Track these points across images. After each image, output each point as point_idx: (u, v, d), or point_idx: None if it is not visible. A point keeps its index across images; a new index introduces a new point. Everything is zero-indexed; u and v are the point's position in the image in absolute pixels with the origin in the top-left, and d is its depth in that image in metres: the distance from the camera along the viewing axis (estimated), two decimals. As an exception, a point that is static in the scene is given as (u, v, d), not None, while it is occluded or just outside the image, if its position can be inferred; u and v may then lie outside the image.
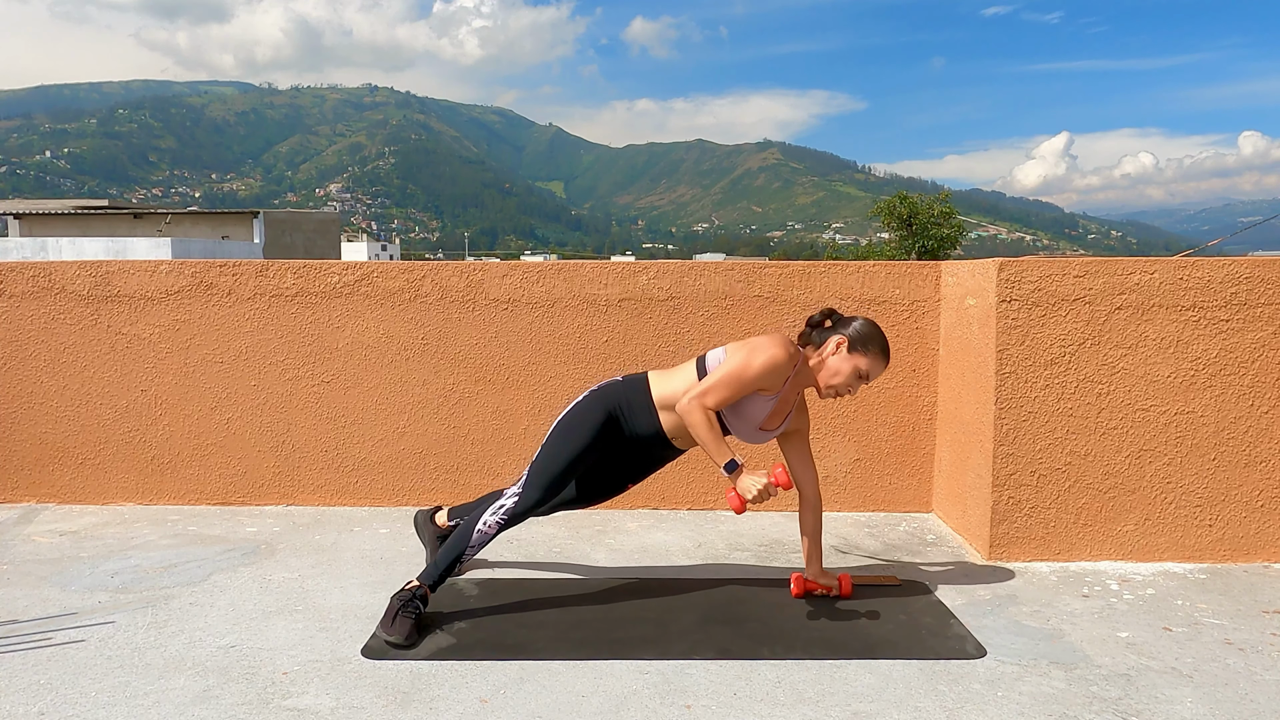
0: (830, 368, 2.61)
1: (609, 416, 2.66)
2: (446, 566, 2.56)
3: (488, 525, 2.58)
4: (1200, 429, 3.12)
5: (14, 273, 3.78)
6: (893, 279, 3.67)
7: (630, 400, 2.68)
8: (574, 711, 2.09)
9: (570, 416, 2.68)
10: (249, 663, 2.32)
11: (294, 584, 2.90)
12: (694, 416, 2.51)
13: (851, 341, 2.60)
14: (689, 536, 3.43)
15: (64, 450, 3.83)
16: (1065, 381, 3.12)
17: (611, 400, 2.68)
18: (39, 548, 3.26)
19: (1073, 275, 3.10)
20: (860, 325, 2.62)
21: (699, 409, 2.51)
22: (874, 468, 3.74)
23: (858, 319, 2.65)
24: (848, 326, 2.63)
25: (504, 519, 2.59)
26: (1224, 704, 2.14)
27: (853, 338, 2.60)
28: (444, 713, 2.08)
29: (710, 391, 2.52)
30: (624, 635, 2.49)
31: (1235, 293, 3.09)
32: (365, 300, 3.75)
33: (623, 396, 2.68)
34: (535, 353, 3.75)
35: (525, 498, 2.60)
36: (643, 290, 3.71)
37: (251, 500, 3.82)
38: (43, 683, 2.20)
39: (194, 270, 3.77)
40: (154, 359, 3.79)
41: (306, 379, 3.78)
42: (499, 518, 2.58)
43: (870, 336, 2.61)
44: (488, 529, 2.58)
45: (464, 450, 3.78)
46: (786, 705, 2.12)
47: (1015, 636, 2.52)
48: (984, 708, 2.11)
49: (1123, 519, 3.15)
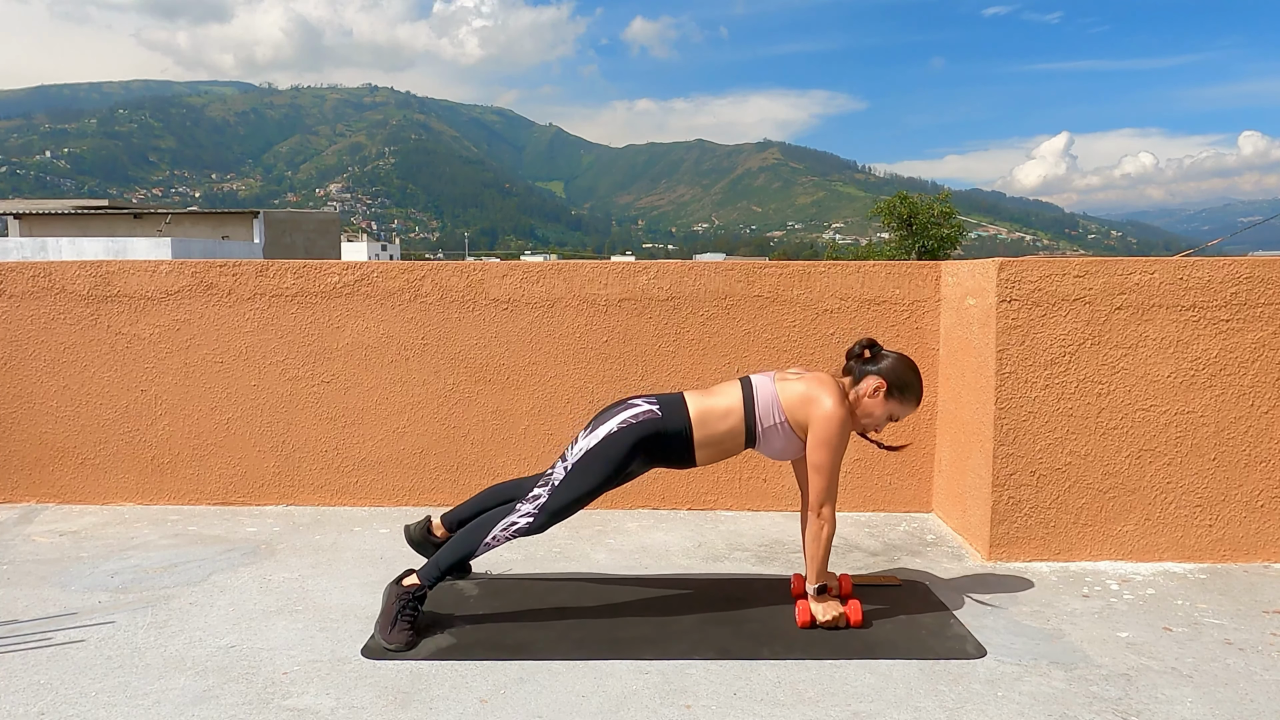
0: (865, 408, 2.61)
1: (641, 452, 2.56)
2: (448, 567, 2.55)
3: (496, 539, 2.55)
4: (1200, 429, 3.12)
5: (14, 273, 3.79)
6: (893, 279, 3.67)
7: (668, 439, 2.56)
8: (574, 711, 2.09)
9: (602, 448, 2.54)
10: (249, 663, 2.32)
11: (294, 584, 2.90)
12: (828, 531, 2.54)
13: (891, 387, 2.58)
14: (689, 536, 3.44)
15: (64, 450, 3.83)
16: (1065, 381, 3.12)
17: (647, 434, 2.55)
18: (39, 548, 3.26)
19: (1073, 275, 3.10)
20: (900, 370, 2.59)
21: (832, 521, 2.54)
22: (874, 468, 3.74)
23: (896, 357, 2.61)
24: (886, 365, 2.59)
25: (512, 536, 2.55)
26: (1224, 704, 2.14)
27: (892, 383, 2.58)
28: (444, 713, 2.08)
29: (828, 502, 2.52)
30: (624, 635, 2.49)
31: (1235, 293, 3.09)
32: (365, 300, 3.75)
33: (660, 434, 2.56)
34: (535, 353, 3.75)
35: (539, 522, 2.54)
36: (643, 290, 3.71)
37: (251, 500, 3.82)
38: (43, 683, 2.20)
39: (194, 270, 3.77)
40: (154, 359, 3.79)
41: (306, 379, 3.78)
42: (509, 535, 2.55)
43: (909, 384, 2.59)
44: (494, 542, 2.55)
45: (464, 450, 3.78)
46: (786, 705, 2.12)
47: (1015, 636, 2.52)
48: (984, 708, 2.11)
49: (1123, 519, 3.15)
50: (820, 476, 2.51)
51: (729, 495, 3.76)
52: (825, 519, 2.53)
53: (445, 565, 2.54)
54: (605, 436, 2.55)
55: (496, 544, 2.55)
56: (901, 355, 2.63)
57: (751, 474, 3.74)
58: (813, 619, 2.55)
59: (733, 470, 3.75)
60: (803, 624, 2.56)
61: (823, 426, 2.50)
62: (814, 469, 2.52)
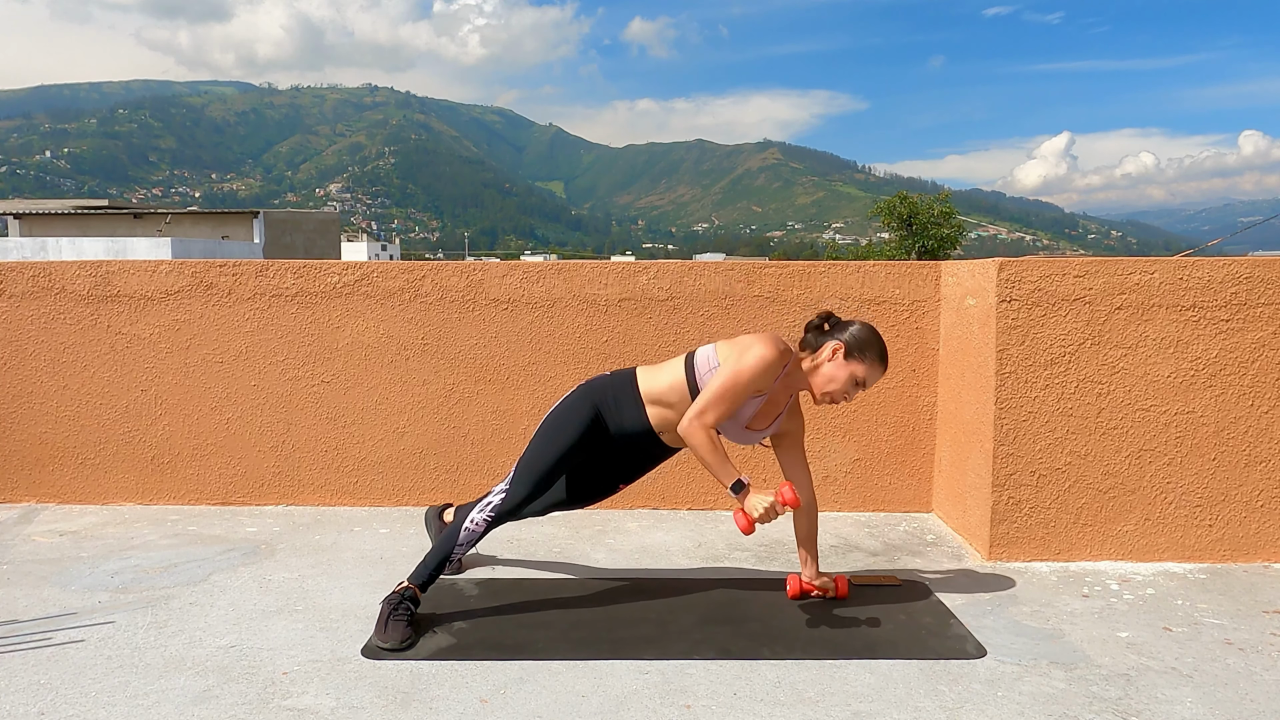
0: (825, 374, 2.55)
1: (596, 412, 2.64)
2: (436, 566, 2.56)
3: (475, 523, 2.58)
4: (1200, 429, 3.12)
5: (14, 273, 3.78)
6: (893, 279, 3.67)
7: (617, 396, 2.65)
8: (574, 711, 2.09)
9: (558, 413, 2.66)
10: (249, 663, 2.32)
11: (294, 584, 2.90)
12: (696, 438, 2.46)
13: (848, 348, 2.54)
14: (689, 536, 3.43)
15: (64, 450, 3.83)
16: (1065, 381, 3.12)
17: (598, 395, 2.66)
18: (39, 548, 3.26)
19: (1073, 275, 3.10)
20: (857, 330, 2.56)
21: (700, 429, 2.46)
22: (874, 468, 3.74)
23: (855, 323, 2.58)
24: (844, 331, 2.57)
25: (491, 516, 2.58)
26: (1224, 704, 2.14)
27: (849, 343, 2.54)
28: (444, 713, 2.08)
29: (708, 409, 2.46)
30: (624, 635, 2.49)
31: (1235, 293, 3.09)
32: (365, 300, 3.75)
33: (609, 392, 2.66)
34: (535, 353, 3.75)
35: (512, 494, 2.59)
36: (643, 290, 3.71)
37: (251, 500, 3.82)
38: (43, 683, 2.20)
39: (194, 270, 3.77)
40: (154, 359, 3.79)
41: (306, 379, 3.78)
42: (486, 515, 2.58)
43: (867, 342, 2.54)
44: (475, 526, 2.58)
45: (464, 450, 3.78)
46: (786, 705, 2.12)
47: (1015, 636, 2.51)
48: (984, 708, 2.11)
49: (1123, 519, 3.15)
50: (708, 389, 2.46)
51: (729, 495, 3.76)
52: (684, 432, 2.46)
53: (432, 564, 2.57)
54: (560, 402, 2.70)
55: (477, 528, 2.58)
56: (862, 322, 2.60)
57: (751, 474, 3.74)
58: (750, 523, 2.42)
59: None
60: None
61: (740, 355, 2.48)
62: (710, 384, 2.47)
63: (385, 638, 2.41)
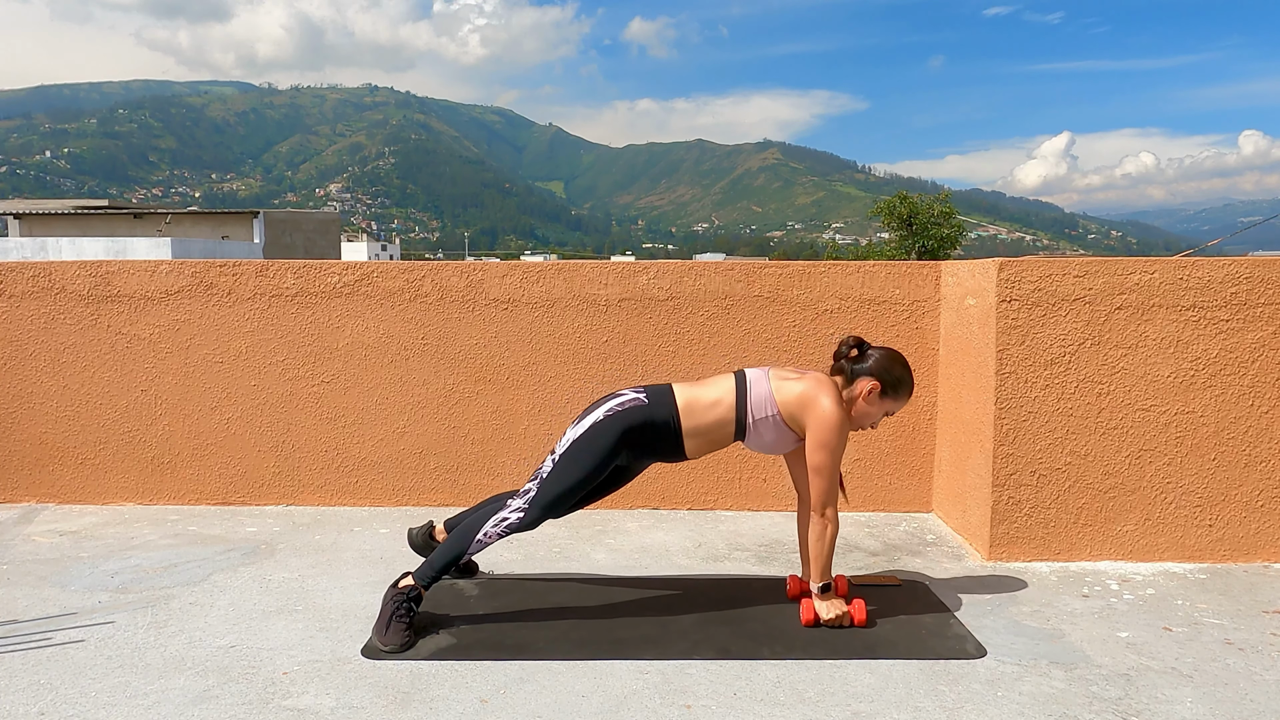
0: (861, 410, 2.61)
1: (627, 446, 2.56)
2: (442, 567, 2.55)
3: (488, 535, 2.56)
4: (1200, 429, 3.12)
5: (14, 273, 3.79)
6: (893, 279, 3.67)
7: (655, 427, 2.56)
8: (574, 711, 2.09)
9: (589, 437, 2.54)
10: (249, 663, 2.32)
11: (294, 584, 2.90)
12: (832, 531, 2.55)
13: (884, 387, 2.58)
14: (689, 536, 3.43)
15: (64, 450, 3.83)
16: (1065, 381, 3.12)
17: (635, 433, 2.55)
18: (39, 548, 3.26)
19: (1073, 275, 3.10)
20: (891, 368, 2.59)
21: (835, 522, 2.55)
22: (874, 468, 3.74)
23: (883, 354, 2.61)
24: (876, 364, 2.59)
25: (504, 531, 2.56)
26: (1224, 704, 2.14)
27: (885, 382, 2.58)
28: (444, 713, 2.08)
29: (830, 500, 2.54)
30: (624, 635, 2.49)
31: (1235, 293, 3.09)
32: (365, 300, 3.75)
33: (647, 433, 2.55)
34: (535, 353, 3.75)
35: (529, 516, 2.55)
36: (643, 290, 3.71)
37: (251, 500, 3.82)
38: (43, 683, 2.20)
39: (194, 270, 3.77)
40: (154, 359, 3.79)
41: (306, 379, 3.78)
42: (500, 530, 2.55)
43: (901, 380, 2.60)
44: (487, 538, 2.56)
45: (464, 450, 3.78)
46: (786, 705, 2.12)
47: (1015, 636, 2.51)
48: (984, 708, 2.11)
49: (1123, 519, 3.15)
50: (821, 478, 2.52)
51: (729, 495, 3.76)
52: (829, 519, 2.54)
53: (439, 565, 2.54)
54: (592, 425, 2.55)
55: (489, 540, 2.55)
56: (888, 350, 2.62)
57: (751, 474, 3.74)
58: (817, 617, 2.55)
59: (733, 470, 3.75)
60: (807, 622, 2.56)
61: (822, 429, 2.51)
62: (815, 471, 2.52)
63: (386, 640, 2.41)
